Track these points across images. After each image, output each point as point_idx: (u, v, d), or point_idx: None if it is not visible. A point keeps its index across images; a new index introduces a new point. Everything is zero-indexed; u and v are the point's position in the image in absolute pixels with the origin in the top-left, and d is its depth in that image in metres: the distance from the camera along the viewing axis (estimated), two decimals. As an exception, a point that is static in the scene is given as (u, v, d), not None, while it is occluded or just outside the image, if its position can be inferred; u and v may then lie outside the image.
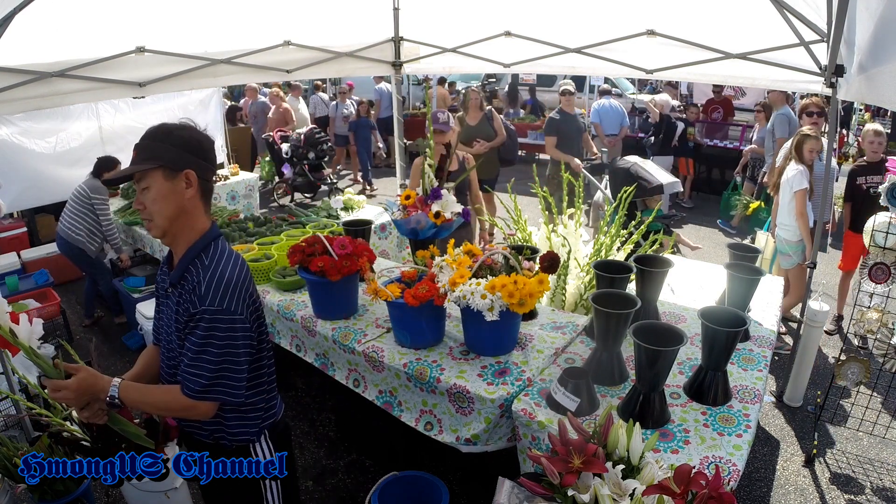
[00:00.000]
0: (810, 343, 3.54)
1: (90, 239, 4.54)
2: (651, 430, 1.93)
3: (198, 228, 1.63)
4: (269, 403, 1.77)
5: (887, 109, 8.48)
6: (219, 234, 1.68)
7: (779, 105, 6.61)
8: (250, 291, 1.63)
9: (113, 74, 3.63)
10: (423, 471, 2.44)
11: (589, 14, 3.86)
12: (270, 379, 1.78)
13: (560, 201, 3.76)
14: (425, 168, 3.09)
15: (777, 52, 3.30)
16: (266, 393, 1.75)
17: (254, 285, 1.67)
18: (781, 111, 6.49)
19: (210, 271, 1.56)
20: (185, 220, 1.60)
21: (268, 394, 1.76)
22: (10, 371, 2.81)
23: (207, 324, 1.52)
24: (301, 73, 4.80)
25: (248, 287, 1.62)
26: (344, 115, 9.76)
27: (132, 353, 4.46)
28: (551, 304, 3.28)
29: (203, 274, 1.56)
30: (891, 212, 3.28)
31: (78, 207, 4.49)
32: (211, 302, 1.51)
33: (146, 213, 1.58)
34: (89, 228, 4.51)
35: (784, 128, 6.38)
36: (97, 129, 6.25)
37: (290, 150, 8.26)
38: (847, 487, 3.01)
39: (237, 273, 1.59)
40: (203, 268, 1.57)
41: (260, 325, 1.70)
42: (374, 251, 2.91)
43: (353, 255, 2.69)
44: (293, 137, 8.37)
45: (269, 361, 1.77)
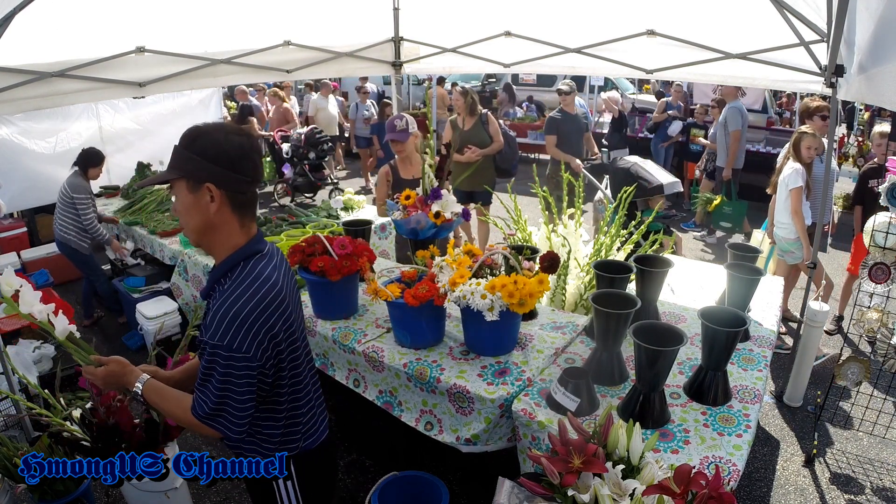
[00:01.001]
0: (810, 343, 3.54)
1: (80, 237, 4.53)
2: (651, 430, 1.93)
3: (230, 244, 1.51)
4: (287, 435, 1.63)
5: (887, 109, 8.46)
6: (253, 251, 1.52)
7: (731, 99, 6.77)
8: (269, 325, 1.45)
9: (113, 74, 3.63)
10: (423, 471, 2.44)
11: (589, 14, 3.86)
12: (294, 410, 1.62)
13: (560, 201, 3.76)
14: (425, 168, 3.09)
15: (777, 52, 3.31)
16: (284, 424, 1.61)
17: (281, 316, 1.49)
18: (733, 104, 6.65)
19: (222, 300, 1.43)
20: (214, 234, 1.49)
21: (286, 425, 1.62)
22: (10, 371, 2.81)
23: (209, 356, 1.42)
24: (301, 73, 4.80)
25: (267, 321, 1.44)
26: (365, 117, 9.32)
27: (132, 353, 4.46)
28: (551, 304, 3.28)
29: (216, 300, 1.45)
30: (891, 212, 3.28)
31: (63, 207, 4.48)
32: (212, 335, 1.40)
33: (180, 221, 1.52)
34: (77, 226, 4.50)
35: (736, 120, 6.56)
36: (97, 129, 6.25)
37: (291, 149, 8.25)
38: (847, 487, 3.01)
39: (253, 305, 1.42)
40: (220, 292, 1.46)
41: (290, 357, 1.56)
42: (374, 251, 2.91)
43: (353, 255, 2.69)
44: (293, 137, 8.36)
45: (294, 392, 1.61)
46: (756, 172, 8.26)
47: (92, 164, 4.56)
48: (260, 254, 1.53)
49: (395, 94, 5.74)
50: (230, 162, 1.44)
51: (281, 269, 1.57)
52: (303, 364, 1.64)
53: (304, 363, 1.66)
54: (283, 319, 1.50)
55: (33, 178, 5.76)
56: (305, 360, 1.67)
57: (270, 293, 1.47)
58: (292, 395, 1.62)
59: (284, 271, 1.58)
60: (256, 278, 1.47)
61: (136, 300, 4.32)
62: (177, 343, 2.89)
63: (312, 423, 1.70)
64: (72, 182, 4.48)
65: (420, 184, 3.13)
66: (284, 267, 1.60)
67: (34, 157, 5.77)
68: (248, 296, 1.43)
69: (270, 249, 1.59)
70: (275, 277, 1.50)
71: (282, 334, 1.50)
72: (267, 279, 1.48)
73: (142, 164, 6.15)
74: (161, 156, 6.18)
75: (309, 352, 1.71)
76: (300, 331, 1.63)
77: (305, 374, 1.66)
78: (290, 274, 1.63)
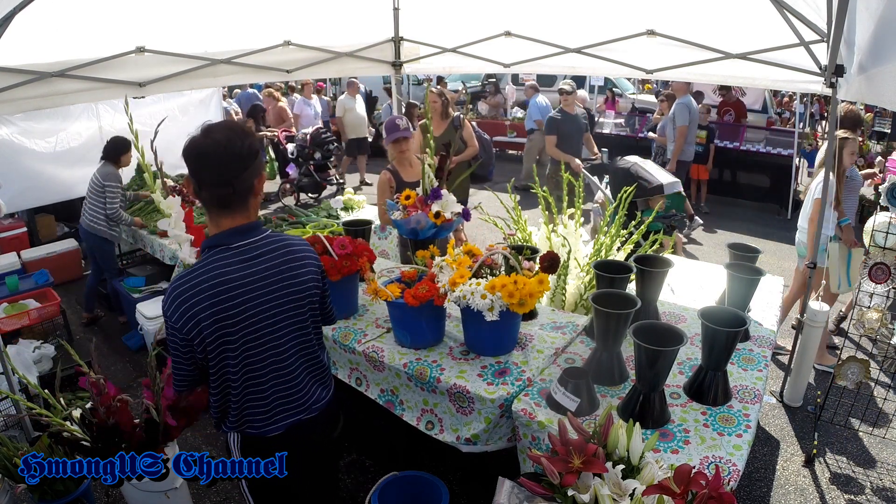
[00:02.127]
0: (810, 343, 3.54)
1: (110, 226, 4.58)
2: (651, 430, 1.93)
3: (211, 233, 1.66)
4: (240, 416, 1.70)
5: (888, 109, 8.46)
6: (214, 244, 1.62)
7: (681, 94, 7.02)
8: (196, 309, 1.53)
9: (113, 74, 3.63)
10: (423, 471, 2.44)
11: (589, 14, 3.86)
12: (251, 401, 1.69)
13: (560, 201, 3.76)
14: (425, 168, 3.09)
15: (777, 52, 3.30)
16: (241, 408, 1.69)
17: (214, 306, 1.55)
18: (682, 100, 6.88)
19: (179, 275, 1.61)
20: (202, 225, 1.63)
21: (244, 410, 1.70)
22: (10, 371, 2.81)
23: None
24: (301, 73, 4.80)
25: (194, 305, 1.53)
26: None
27: (132, 353, 4.46)
28: (551, 304, 3.28)
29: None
30: (891, 212, 3.28)
31: (94, 196, 4.52)
32: (163, 301, 1.61)
33: None
34: (107, 215, 4.54)
35: (684, 115, 6.81)
36: (97, 129, 6.24)
37: (296, 150, 8.20)
38: (847, 487, 3.01)
39: (185, 287, 1.55)
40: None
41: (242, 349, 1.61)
42: (374, 251, 2.91)
43: (353, 255, 2.69)
44: (299, 137, 8.30)
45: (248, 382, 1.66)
46: (756, 172, 8.29)
47: (122, 151, 4.59)
48: (221, 246, 1.61)
49: (395, 94, 5.74)
50: (194, 160, 1.54)
51: (246, 264, 1.61)
52: (263, 361, 1.66)
53: (266, 361, 1.67)
54: (218, 309, 1.56)
55: (33, 178, 5.76)
56: (268, 359, 1.68)
57: (205, 283, 1.55)
58: (246, 384, 1.66)
59: (251, 267, 1.61)
60: (200, 266, 1.58)
61: (136, 300, 4.32)
62: (177, 343, 2.89)
63: (272, 417, 1.73)
64: (103, 171, 4.53)
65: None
66: (259, 264, 1.63)
67: (34, 157, 5.77)
68: (187, 278, 1.57)
69: (243, 246, 1.62)
70: (220, 270, 1.57)
71: (211, 321, 1.55)
72: (209, 270, 1.57)
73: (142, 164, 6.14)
74: (161, 156, 6.16)
75: (280, 353, 1.70)
76: (258, 328, 1.63)
77: (267, 372, 1.68)
78: (266, 271, 1.64)
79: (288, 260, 1.68)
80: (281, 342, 1.69)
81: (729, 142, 8.45)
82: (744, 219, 7.88)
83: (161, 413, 2.22)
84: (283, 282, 1.67)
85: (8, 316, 4.17)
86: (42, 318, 4.33)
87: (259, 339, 1.64)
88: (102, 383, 2.22)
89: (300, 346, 1.75)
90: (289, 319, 1.70)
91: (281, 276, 1.67)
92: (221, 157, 1.53)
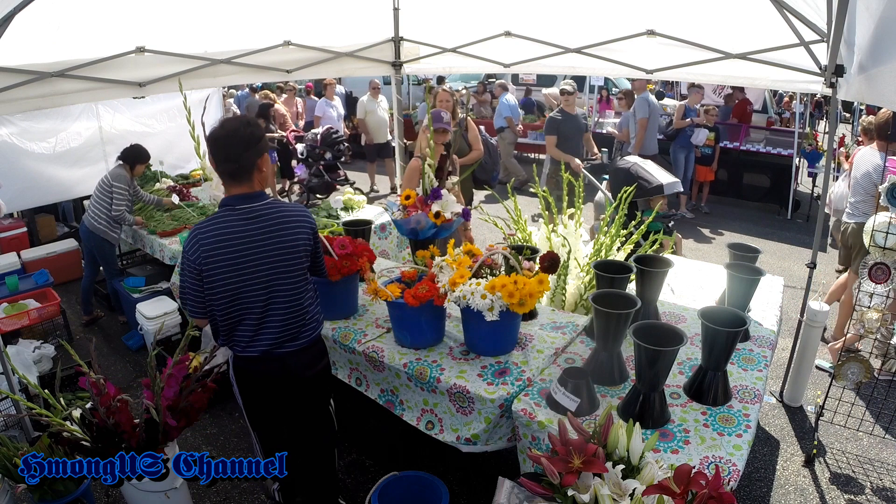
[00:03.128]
0: (810, 343, 3.54)
1: (111, 227, 4.58)
2: (651, 430, 1.93)
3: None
4: (229, 337, 2.15)
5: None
6: (225, 203, 2.08)
7: (640, 91, 7.52)
8: (200, 243, 2.01)
9: (113, 74, 3.63)
10: (423, 471, 2.44)
11: (589, 14, 3.86)
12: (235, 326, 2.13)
13: (560, 201, 3.76)
14: (425, 168, 3.09)
15: (777, 52, 3.30)
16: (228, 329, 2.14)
17: (205, 244, 2.01)
18: (642, 95, 7.36)
19: (200, 222, 2.09)
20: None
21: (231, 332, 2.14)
22: (10, 371, 2.81)
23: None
24: (301, 73, 4.80)
25: (199, 240, 2.01)
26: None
27: (132, 353, 4.46)
28: (551, 304, 3.28)
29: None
30: (891, 212, 3.28)
31: (100, 196, 4.53)
32: (186, 239, 2.06)
33: None
34: (111, 216, 4.55)
35: (643, 109, 7.24)
36: (97, 129, 6.24)
37: (306, 150, 8.12)
38: (847, 487, 3.01)
39: (206, 230, 2.03)
40: None
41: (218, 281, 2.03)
42: (374, 251, 2.91)
43: (353, 255, 2.70)
44: (308, 137, 8.22)
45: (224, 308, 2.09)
46: (757, 172, 8.28)
47: (140, 161, 4.64)
48: (229, 207, 2.07)
49: (395, 94, 5.74)
50: (211, 144, 2.05)
51: (245, 222, 2.05)
52: (249, 297, 2.07)
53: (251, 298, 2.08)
54: (219, 249, 2.01)
55: (33, 178, 5.76)
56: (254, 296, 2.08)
57: (214, 229, 2.03)
58: (232, 312, 2.09)
59: (249, 224, 2.05)
60: (214, 217, 2.06)
61: (136, 300, 4.32)
62: (177, 343, 2.89)
63: (253, 342, 2.14)
64: (115, 172, 4.55)
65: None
66: (255, 223, 2.06)
67: (34, 157, 5.76)
68: (204, 225, 2.05)
69: (245, 209, 2.06)
70: (225, 223, 2.04)
71: (213, 257, 2.01)
72: (218, 221, 2.05)
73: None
74: (161, 156, 6.17)
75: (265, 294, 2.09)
76: (248, 271, 2.05)
77: (252, 305, 2.09)
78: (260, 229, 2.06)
79: (282, 223, 2.10)
80: (267, 285, 2.09)
81: (729, 142, 8.42)
82: (744, 219, 7.88)
83: (161, 413, 2.22)
84: (274, 239, 2.08)
85: (8, 316, 4.17)
86: (42, 318, 4.33)
87: (248, 279, 2.05)
88: (102, 383, 2.22)
89: (284, 290, 2.13)
90: (276, 268, 2.09)
91: (273, 235, 2.08)
92: (228, 141, 2.01)
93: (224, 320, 2.10)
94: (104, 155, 5.93)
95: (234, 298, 2.06)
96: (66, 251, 5.72)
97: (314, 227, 2.22)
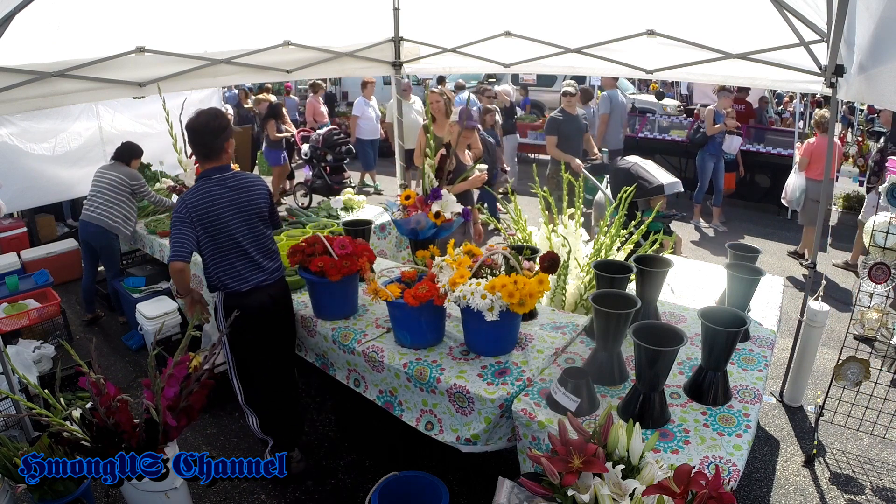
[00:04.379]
0: (810, 343, 3.54)
1: (126, 224, 4.65)
2: (651, 430, 1.93)
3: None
4: (218, 279, 2.71)
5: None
6: (202, 176, 2.66)
7: (608, 87, 7.90)
8: (189, 203, 2.57)
9: (113, 74, 3.63)
10: (423, 471, 2.44)
11: (589, 14, 3.86)
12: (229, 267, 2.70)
13: (560, 201, 3.76)
14: (425, 168, 3.09)
15: (777, 52, 3.30)
16: (224, 271, 2.69)
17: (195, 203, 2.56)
18: (608, 92, 7.73)
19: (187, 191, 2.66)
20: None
21: (226, 273, 2.69)
22: (10, 371, 2.81)
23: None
24: (301, 73, 4.80)
25: (196, 203, 2.57)
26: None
27: (132, 353, 4.46)
28: (551, 304, 3.28)
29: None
30: (891, 212, 3.28)
31: (115, 195, 4.56)
32: (176, 204, 2.63)
33: None
34: (126, 214, 4.62)
35: (606, 105, 7.70)
36: (97, 129, 6.24)
37: (310, 151, 8.08)
38: (847, 487, 3.01)
39: (192, 195, 2.60)
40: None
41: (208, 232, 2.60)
42: (374, 251, 2.91)
43: (353, 255, 2.70)
44: (312, 138, 8.18)
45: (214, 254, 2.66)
46: (756, 172, 8.26)
47: (135, 156, 4.81)
48: (206, 178, 2.65)
49: (395, 94, 5.74)
50: (187, 131, 2.66)
51: (219, 187, 2.63)
52: (227, 243, 2.65)
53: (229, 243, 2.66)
54: (203, 209, 2.57)
55: (33, 178, 5.76)
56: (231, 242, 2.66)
57: (199, 194, 2.60)
58: (217, 258, 2.66)
59: (222, 189, 2.63)
60: (196, 187, 2.64)
61: (136, 300, 4.32)
62: (177, 343, 2.89)
63: (241, 279, 2.71)
64: (128, 172, 4.64)
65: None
66: (226, 188, 2.64)
67: (34, 157, 5.76)
68: (190, 192, 2.62)
69: (218, 178, 2.65)
70: (205, 189, 2.61)
71: (199, 215, 2.57)
72: (200, 189, 2.62)
73: (142, 164, 6.14)
74: (161, 156, 6.17)
75: (239, 239, 2.67)
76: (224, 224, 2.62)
77: (231, 250, 2.67)
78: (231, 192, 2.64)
79: (245, 187, 2.70)
80: (240, 233, 2.67)
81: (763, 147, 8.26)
82: (744, 219, 7.87)
83: (161, 413, 2.22)
84: (241, 199, 2.67)
85: (8, 316, 4.17)
86: (42, 318, 4.33)
87: (225, 230, 2.63)
88: (102, 383, 2.22)
89: (253, 237, 2.71)
90: (244, 221, 2.68)
91: (239, 196, 2.67)
92: (203, 130, 2.61)
93: (215, 265, 2.68)
94: (104, 155, 5.92)
95: (221, 244, 2.64)
96: (66, 251, 5.72)
97: (269, 190, 2.83)
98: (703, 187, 7.38)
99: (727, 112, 7.29)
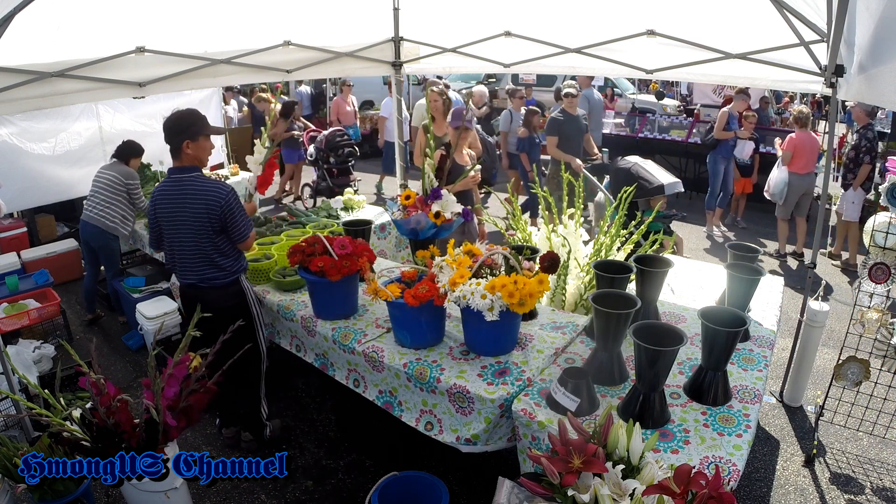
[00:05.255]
0: (810, 343, 3.54)
1: (124, 224, 4.65)
2: (651, 430, 1.93)
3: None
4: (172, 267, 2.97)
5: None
6: (168, 172, 2.86)
7: (584, 87, 7.75)
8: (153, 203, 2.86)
9: (113, 74, 3.62)
10: (423, 471, 2.44)
11: (589, 14, 3.86)
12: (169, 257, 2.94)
13: (560, 201, 3.76)
14: (425, 168, 3.09)
15: (777, 52, 3.30)
16: (170, 263, 2.95)
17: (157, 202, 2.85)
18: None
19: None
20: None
21: (171, 264, 2.95)
22: (10, 371, 2.81)
23: None
24: (301, 73, 4.79)
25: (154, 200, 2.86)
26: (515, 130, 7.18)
27: (132, 353, 4.46)
28: (551, 304, 3.28)
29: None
30: (891, 212, 3.28)
31: (111, 195, 4.57)
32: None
33: None
34: (123, 214, 4.63)
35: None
36: (97, 129, 6.24)
37: (315, 152, 8.06)
38: (847, 487, 3.01)
39: (154, 192, 2.88)
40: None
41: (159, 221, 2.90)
42: (374, 251, 2.91)
43: (353, 255, 2.70)
44: (318, 139, 8.14)
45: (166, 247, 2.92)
46: (758, 172, 8.24)
47: (135, 154, 4.83)
48: (167, 176, 2.87)
49: (395, 94, 5.74)
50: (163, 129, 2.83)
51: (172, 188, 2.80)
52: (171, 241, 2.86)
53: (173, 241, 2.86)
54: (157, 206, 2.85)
55: (33, 178, 5.75)
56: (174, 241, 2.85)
57: (157, 192, 2.87)
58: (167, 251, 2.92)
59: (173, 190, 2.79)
60: (160, 183, 2.90)
61: (136, 300, 4.32)
62: (177, 343, 2.88)
63: (180, 273, 2.94)
64: (124, 171, 4.65)
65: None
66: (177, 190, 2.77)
67: (34, 157, 5.76)
68: (155, 188, 2.90)
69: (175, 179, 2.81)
70: (162, 188, 2.87)
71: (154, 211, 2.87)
72: (160, 186, 2.88)
73: (142, 164, 6.15)
74: (161, 156, 6.14)
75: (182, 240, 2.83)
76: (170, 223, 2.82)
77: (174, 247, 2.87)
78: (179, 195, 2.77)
79: (193, 194, 2.75)
80: (183, 235, 2.81)
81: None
82: (744, 218, 7.85)
83: (161, 413, 2.21)
84: (185, 203, 2.76)
85: (8, 316, 4.17)
86: (42, 318, 4.33)
87: (172, 228, 2.83)
88: (102, 383, 2.22)
89: (195, 243, 2.80)
90: (188, 226, 2.78)
91: (184, 200, 2.77)
92: (165, 126, 2.81)
93: (169, 256, 2.93)
94: (104, 155, 5.91)
95: (167, 240, 2.87)
96: (66, 251, 5.72)
97: (225, 202, 2.74)
98: (715, 191, 7.02)
99: (748, 117, 6.92)
